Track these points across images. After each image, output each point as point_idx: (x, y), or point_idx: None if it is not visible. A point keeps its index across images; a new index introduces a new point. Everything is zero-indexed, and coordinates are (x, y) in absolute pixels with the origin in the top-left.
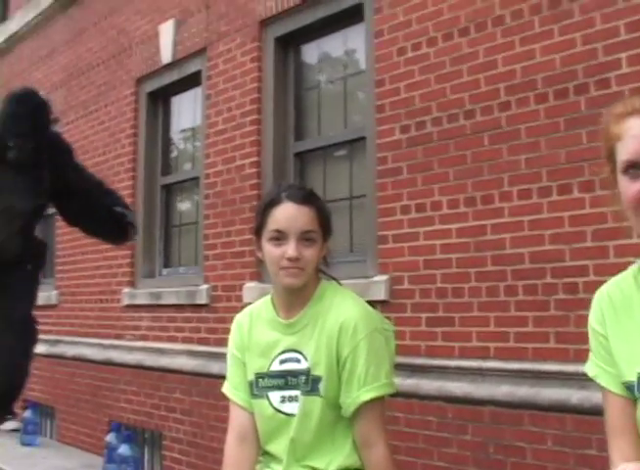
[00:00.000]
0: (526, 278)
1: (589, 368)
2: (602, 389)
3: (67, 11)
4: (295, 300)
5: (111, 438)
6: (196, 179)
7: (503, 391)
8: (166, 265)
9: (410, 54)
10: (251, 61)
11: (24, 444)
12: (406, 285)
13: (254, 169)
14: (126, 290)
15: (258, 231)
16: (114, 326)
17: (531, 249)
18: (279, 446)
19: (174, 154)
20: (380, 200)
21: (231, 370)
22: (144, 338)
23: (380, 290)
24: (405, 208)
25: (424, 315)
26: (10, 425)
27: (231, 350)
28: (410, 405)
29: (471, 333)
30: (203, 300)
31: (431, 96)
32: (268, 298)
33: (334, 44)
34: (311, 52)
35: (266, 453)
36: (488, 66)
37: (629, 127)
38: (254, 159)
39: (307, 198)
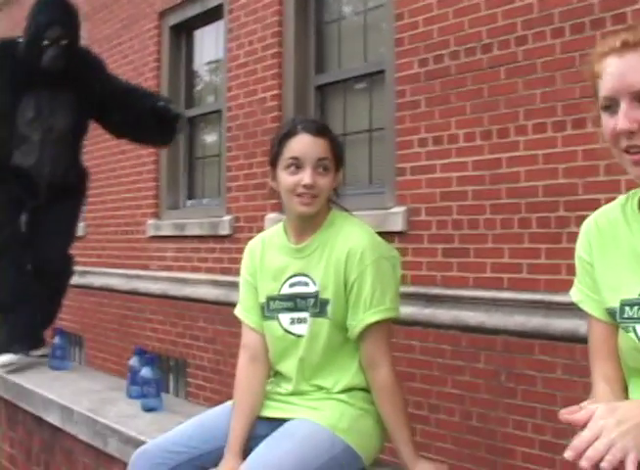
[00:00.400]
0: (540, 211)
1: (574, 294)
2: (587, 314)
3: None
4: (306, 226)
5: (133, 361)
6: (218, 112)
7: (515, 321)
8: (190, 197)
9: None
10: None
11: (53, 368)
12: (423, 216)
13: (276, 102)
14: (151, 221)
15: (274, 161)
16: (139, 257)
17: (545, 182)
18: (289, 366)
19: (197, 87)
20: (398, 133)
21: (243, 294)
22: (168, 268)
23: (397, 221)
24: (423, 140)
25: (440, 246)
26: (39, 351)
27: (243, 274)
28: (426, 334)
29: (485, 264)
30: (225, 230)
31: (449, 30)
32: (281, 224)
33: None
34: None
35: (277, 373)
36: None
37: (607, 65)
38: (276, 91)
39: (322, 129)
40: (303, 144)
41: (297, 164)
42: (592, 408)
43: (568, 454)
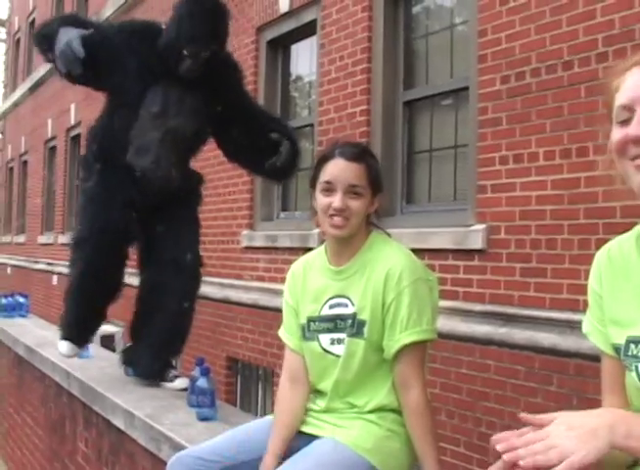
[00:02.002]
0: (618, 232)
1: (584, 324)
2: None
3: None
4: (344, 249)
5: (195, 371)
6: (311, 126)
7: (589, 344)
8: (284, 209)
9: (512, 3)
10: (362, 10)
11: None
12: (502, 235)
13: (364, 117)
14: (245, 232)
15: (312, 183)
16: (233, 266)
17: (623, 203)
18: (326, 385)
19: (292, 101)
20: (480, 150)
21: (285, 316)
22: (260, 279)
23: (477, 239)
24: (503, 158)
25: (518, 265)
26: (175, 382)
27: (285, 297)
28: (501, 354)
29: (562, 285)
30: (315, 243)
31: (530, 46)
32: (322, 248)
33: None
34: (420, 2)
35: (316, 391)
36: (587, 15)
37: (628, 76)
38: (365, 107)
39: (359, 155)
40: (337, 168)
41: (329, 188)
42: (554, 415)
43: (500, 446)
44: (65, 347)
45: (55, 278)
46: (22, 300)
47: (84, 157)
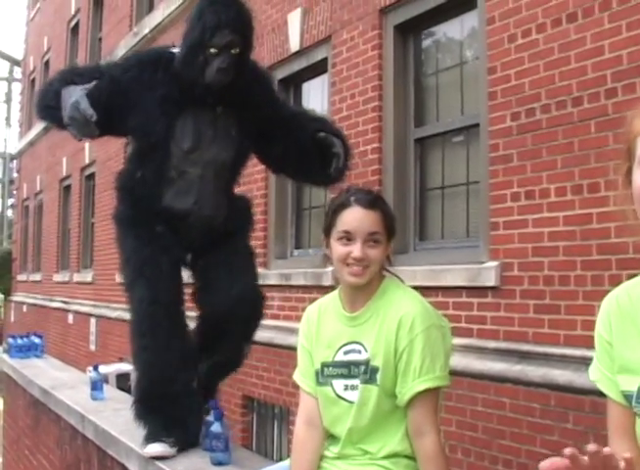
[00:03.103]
0: (630, 268)
1: (591, 372)
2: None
3: None
4: (359, 295)
5: (209, 415)
6: None
7: None
8: (297, 246)
9: (520, 40)
10: (372, 48)
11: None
12: (516, 271)
13: (376, 155)
14: (259, 270)
15: (327, 231)
16: None
17: (636, 239)
18: (340, 431)
19: None
20: (492, 186)
21: (300, 359)
22: (275, 317)
23: (490, 276)
24: (515, 195)
25: (531, 302)
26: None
27: (300, 340)
28: (516, 391)
29: (576, 321)
30: (328, 281)
31: (540, 83)
32: (336, 292)
33: (450, 31)
34: (429, 39)
35: (331, 436)
36: (595, 52)
37: None
38: (376, 144)
39: (374, 202)
40: (355, 217)
41: (348, 237)
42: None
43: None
44: (151, 448)
45: (71, 316)
46: (37, 340)
47: (116, 212)
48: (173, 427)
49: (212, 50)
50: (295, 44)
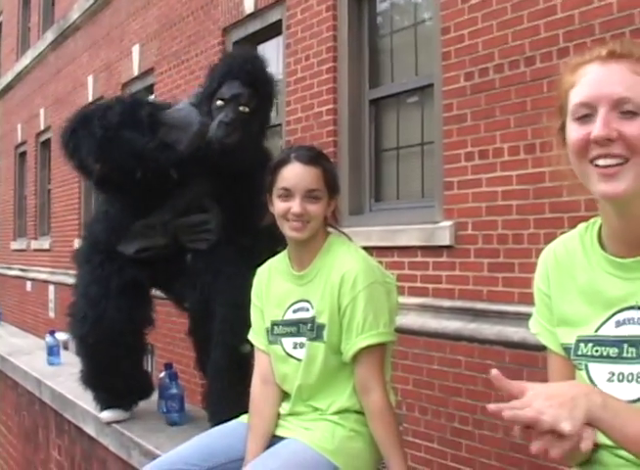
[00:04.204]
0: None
1: (532, 325)
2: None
3: None
4: (304, 253)
5: (164, 376)
6: (279, 126)
7: None
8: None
9: (473, 1)
10: (326, 9)
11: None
12: (470, 231)
13: (331, 116)
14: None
15: (269, 188)
16: None
17: (587, 197)
18: (290, 388)
19: None
20: (446, 146)
21: (253, 318)
22: None
23: (445, 235)
24: (469, 154)
25: (486, 261)
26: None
27: (253, 299)
28: (471, 349)
29: (529, 279)
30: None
31: (493, 43)
32: (285, 252)
33: None
34: (384, 0)
35: (284, 393)
36: (548, 11)
37: (585, 73)
38: (331, 106)
39: (314, 158)
40: (294, 174)
41: (287, 194)
42: (523, 384)
43: (491, 407)
44: (106, 415)
45: (29, 284)
46: None
47: (78, 250)
48: (123, 396)
49: (219, 102)
50: (249, 6)
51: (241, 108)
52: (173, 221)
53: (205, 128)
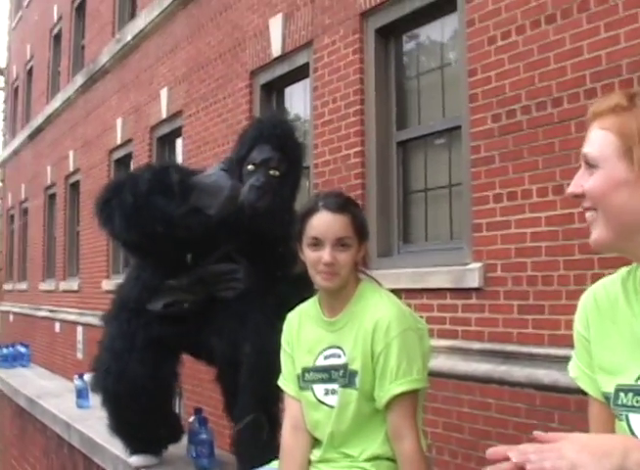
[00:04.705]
0: (613, 267)
1: (571, 368)
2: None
3: (186, 7)
4: (336, 300)
5: (193, 421)
6: (307, 168)
7: None
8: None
9: (500, 42)
10: (353, 52)
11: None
12: (499, 272)
13: (359, 159)
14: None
15: (299, 237)
16: None
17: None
18: (322, 435)
19: None
20: (474, 188)
21: (283, 364)
22: None
23: (474, 277)
24: (497, 196)
25: (515, 303)
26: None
27: (283, 345)
28: (501, 392)
29: (560, 321)
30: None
31: (520, 84)
32: (316, 298)
33: (431, 33)
34: (410, 42)
35: (314, 439)
36: (574, 53)
37: (589, 130)
38: (359, 148)
39: (342, 206)
40: (322, 222)
41: (317, 242)
42: (566, 434)
43: (512, 453)
44: (135, 460)
45: (57, 325)
46: (22, 349)
47: (107, 311)
48: (152, 442)
49: (250, 167)
50: (276, 49)
51: (271, 172)
52: (201, 270)
53: (237, 192)
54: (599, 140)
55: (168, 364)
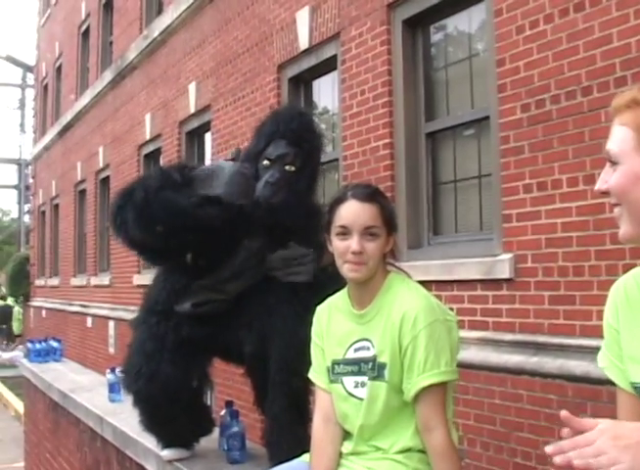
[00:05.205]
0: None
1: (600, 359)
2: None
3: (213, 2)
4: (365, 292)
5: (224, 414)
6: (336, 161)
7: None
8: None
9: (528, 32)
10: (381, 44)
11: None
12: (530, 263)
13: (388, 151)
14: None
15: (327, 227)
16: None
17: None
18: (352, 427)
19: None
20: (504, 179)
21: (313, 357)
22: None
23: (505, 268)
24: (527, 186)
25: (546, 293)
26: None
27: (313, 338)
28: (533, 383)
29: (591, 311)
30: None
31: (549, 74)
32: (345, 290)
33: (459, 24)
34: (438, 33)
35: (345, 432)
36: (604, 41)
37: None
38: (387, 140)
39: (371, 196)
40: (351, 211)
41: (345, 231)
42: (595, 421)
43: (549, 449)
44: (167, 453)
45: (89, 320)
46: (55, 344)
47: (135, 316)
48: (184, 437)
49: (265, 162)
50: (304, 42)
51: (287, 167)
52: (268, 255)
53: (242, 169)
54: (619, 136)
55: (199, 365)
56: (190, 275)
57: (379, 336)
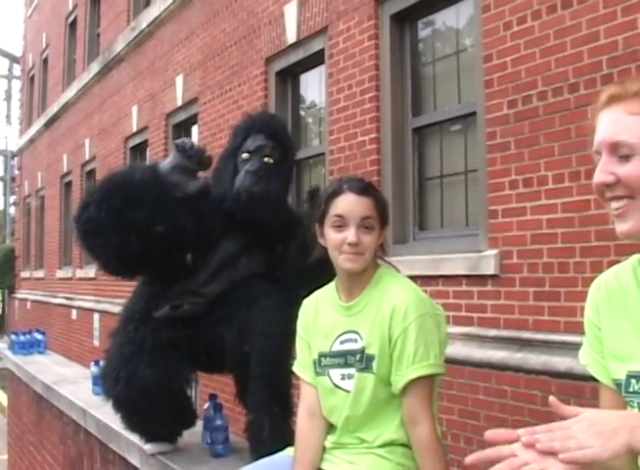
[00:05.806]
0: (629, 253)
1: (581, 356)
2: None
3: None
4: (354, 284)
5: (208, 407)
6: (322, 155)
7: None
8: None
9: (515, 28)
10: (368, 38)
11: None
12: (515, 259)
13: (374, 145)
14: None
15: (321, 219)
16: None
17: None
18: (337, 420)
19: (303, 130)
20: (490, 175)
21: (298, 350)
22: None
23: (490, 264)
24: (513, 182)
25: (531, 290)
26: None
27: (298, 331)
28: (517, 379)
29: (576, 308)
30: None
31: (536, 70)
32: (333, 283)
33: (447, 19)
34: (426, 28)
35: (329, 425)
36: (591, 38)
37: (598, 120)
38: (374, 135)
39: (366, 189)
40: (348, 203)
41: (341, 223)
42: (580, 409)
43: (521, 431)
44: (150, 447)
45: (74, 312)
46: (39, 336)
47: (114, 330)
48: (166, 433)
49: (244, 155)
50: (291, 36)
51: (265, 159)
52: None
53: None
54: (630, 124)
55: (181, 369)
56: (169, 283)
57: (367, 328)
